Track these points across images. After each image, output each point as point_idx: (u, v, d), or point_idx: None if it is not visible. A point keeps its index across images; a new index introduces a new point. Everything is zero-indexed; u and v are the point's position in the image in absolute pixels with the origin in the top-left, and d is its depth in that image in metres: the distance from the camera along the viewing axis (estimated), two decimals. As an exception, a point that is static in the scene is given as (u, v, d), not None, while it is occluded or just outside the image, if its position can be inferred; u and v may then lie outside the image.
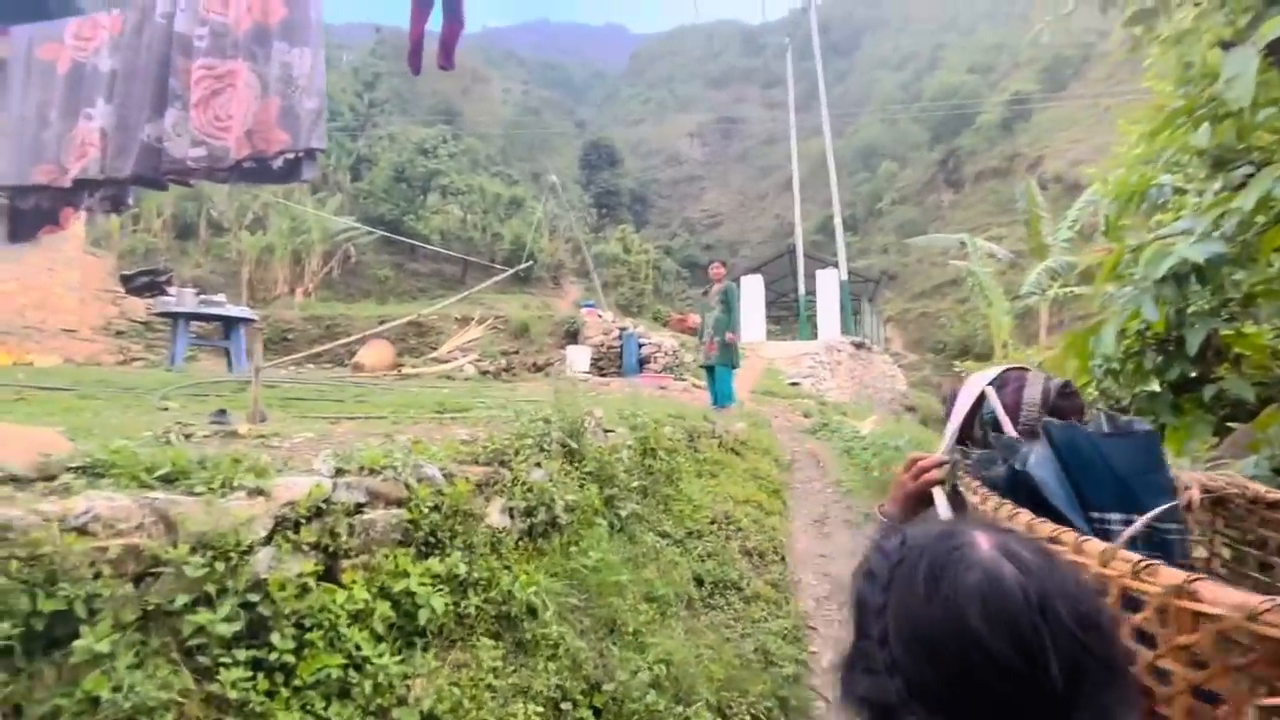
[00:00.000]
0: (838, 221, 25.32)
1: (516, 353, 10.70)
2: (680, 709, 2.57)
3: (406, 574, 2.17)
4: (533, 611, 2.44)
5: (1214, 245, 2.64)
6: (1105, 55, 37.79)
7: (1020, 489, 0.90)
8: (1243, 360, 4.12)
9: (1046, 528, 0.72)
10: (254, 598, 1.71)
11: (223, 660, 1.60)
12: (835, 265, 21.82)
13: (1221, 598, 0.55)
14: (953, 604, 0.53)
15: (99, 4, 5.36)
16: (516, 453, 3.02)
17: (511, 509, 2.85)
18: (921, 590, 0.55)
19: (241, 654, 1.63)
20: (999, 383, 1.12)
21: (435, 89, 39.30)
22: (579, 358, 9.91)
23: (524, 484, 2.93)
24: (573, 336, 11.27)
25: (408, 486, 2.40)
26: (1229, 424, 4.12)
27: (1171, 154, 4.02)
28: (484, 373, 9.59)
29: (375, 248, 20.78)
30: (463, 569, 2.32)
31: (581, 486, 3.44)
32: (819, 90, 25.53)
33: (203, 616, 1.59)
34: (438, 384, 7.95)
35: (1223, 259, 2.68)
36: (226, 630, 1.61)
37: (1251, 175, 3.20)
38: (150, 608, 1.58)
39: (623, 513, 3.63)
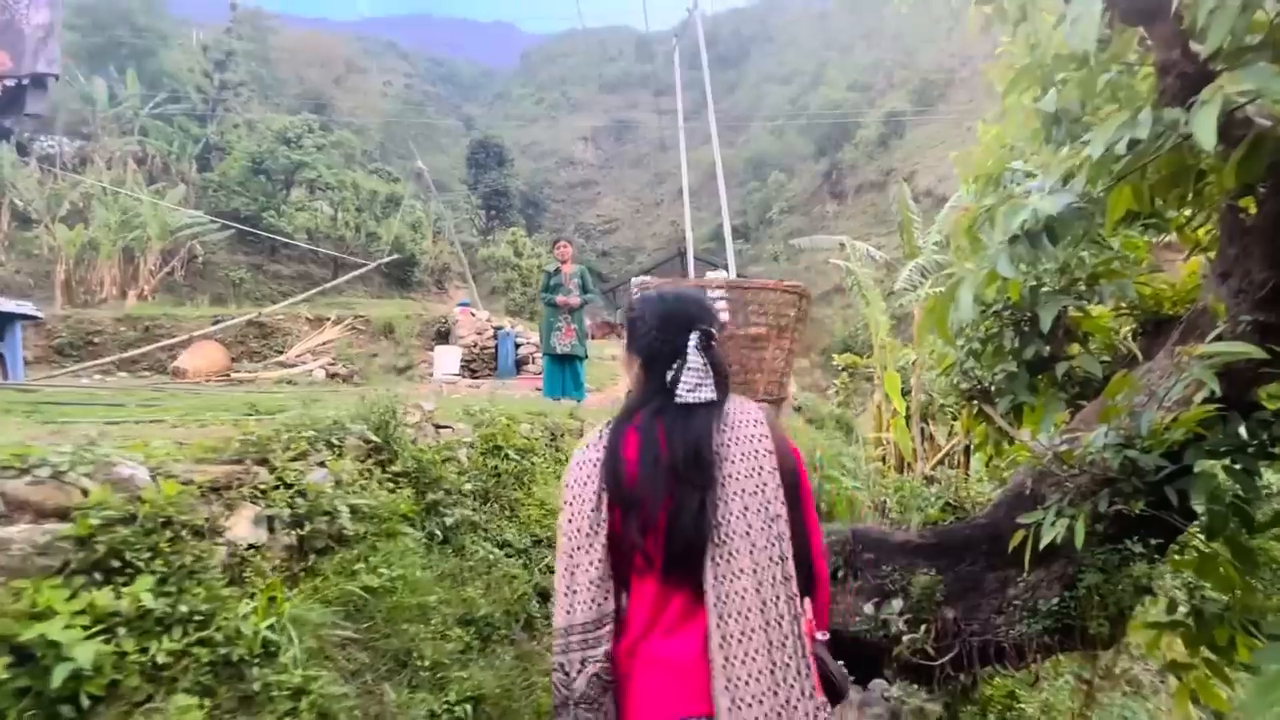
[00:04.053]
0: (726, 228, 25.77)
1: (377, 355, 9.73)
2: (487, 758, 2.04)
3: (55, 613, 1.51)
4: (273, 652, 1.82)
5: (1065, 197, 2.47)
6: (966, 80, 41.31)
7: None
8: (1090, 339, 4.18)
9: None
10: None
11: None
12: (725, 268, 22.17)
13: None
14: (658, 302, 1.42)
15: None
16: (286, 448, 2.37)
17: (271, 518, 2.20)
18: (652, 304, 1.42)
19: None
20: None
21: (302, 75, 36.39)
22: (447, 359, 9.11)
23: (294, 487, 2.29)
24: (444, 337, 10.43)
25: (85, 492, 1.73)
26: (1080, 401, 4.17)
27: (1021, 133, 3.99)
28: (333, 376, 8.58)
29: (229, 246, 18.70)
30: (156, 602, 1.67)
31: (393, 490, 2.84)
32: (708, 105, 25.90)
33: None
34: (274, 389, 6.95)
35: (1074, 212, 2.53)
36: None
37: (1096, 141, 3.14)
38: None
39: (448, 520, 3.04)
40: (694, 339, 1.31)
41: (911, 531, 4.13)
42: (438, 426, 3.65)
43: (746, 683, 1.16)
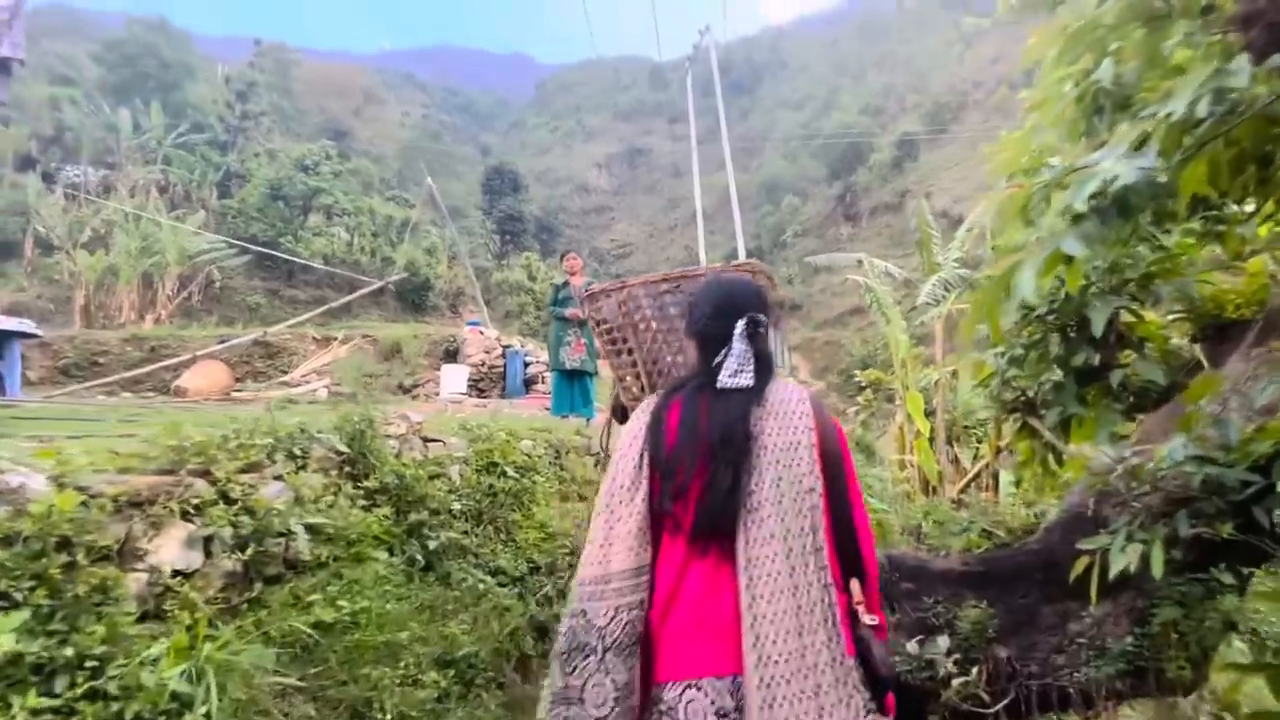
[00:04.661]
0: (741, 251, 25.52)
1: (381, 375, 9.48)
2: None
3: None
4: (183, 709, 1.47)
5: (1144, 160, 2.11)
6: (979, 103, 41.12)
7: None
8: (1146, 345, 3.78)
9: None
10: None
11: None
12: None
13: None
14: (714, 289, 1.51)
15: None
16: (233, 456, 2.05)
17: (209, 539, 1.88)
18: (708, 291, 1.50)
19: None
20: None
21: (323, 106, 37.10)
22: (454, 378, 8.83)
23: (239, 502, 1.97)
24: (452, 356, 10.18)
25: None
26: (1135, 413, 3.76)
27: (1056, 127, 3.66)
28: (336, 395, 8.34)
29: (246, 271, 18.77)
30: (32, 644, 1.34)
31: (368, 508, 2.51)
32: (721, 127, 25.90)
33: None
34: (272, 408, 6.69)
35: (1152, 181, 2.16)
36: None
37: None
38: None
39: (432, 544, 2.70)
40: (740, 326, 1.36)
41: (953, 558, 3.69)
42: (426, 440, 3.34)
43: (774, 641, 1.19)
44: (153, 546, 1.74)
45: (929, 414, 12.01)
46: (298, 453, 2.31)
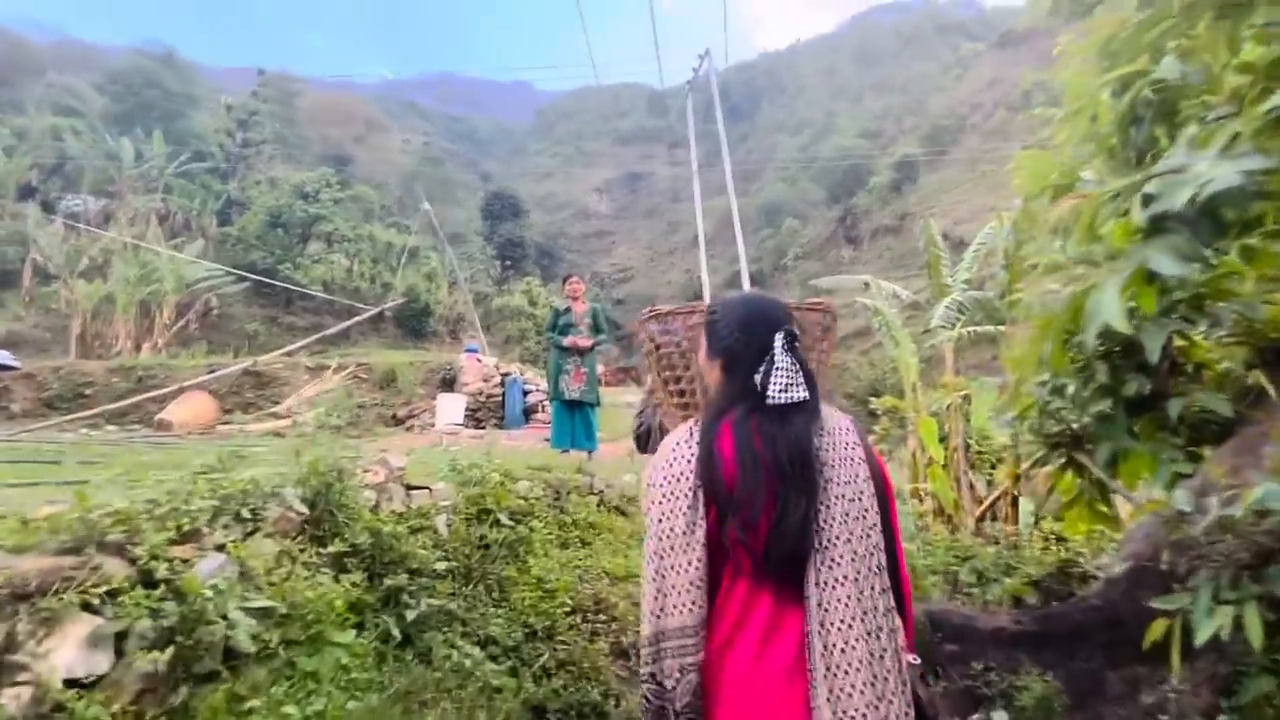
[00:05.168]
0: (744, 275, 25.28)
1: (374, 405, 9.13)
2: None
3: None
4: None
5: (1250, 161, 1.79)
6: (977, 125, 41.29)
7: None
8: (1203, 372, 3.43)
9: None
10: None
11: None
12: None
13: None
14: (740, 306, 1.38)
15: None
16: (162, 526, 1.70)
17: (122, 635, 1.52)
18: (733, 308, 1.38)
19: None
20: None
21: (325, 134, 37.32)
22: (450, 408, 8.50)
23: (164, 584, 1.61)
24: (449, 385, 9.84)
25: None
26: (1192, 448, 3.39)
27: (1091, 135, 3.36)
28: (323, 428, 8.00)
29: (245, 299, 18.58)
30: None
31: (337, 576, 2.14)
32: (722, 151, 25.79)
33: None
34: (260, 442, 6.33)
35: (1250, 185, 1.83)
36: None
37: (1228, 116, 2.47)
38: None
39: (411, 614, 2.33)
40: (780, 339, 1.27)
41: (1002, 615, 3.31)
42: (409, 488, 2.98)
43: (850, 695, 1.12)
44: (42, 650, 1.38)
45: (942, 440, 11.60)
46: (247, 515, 1.96)
